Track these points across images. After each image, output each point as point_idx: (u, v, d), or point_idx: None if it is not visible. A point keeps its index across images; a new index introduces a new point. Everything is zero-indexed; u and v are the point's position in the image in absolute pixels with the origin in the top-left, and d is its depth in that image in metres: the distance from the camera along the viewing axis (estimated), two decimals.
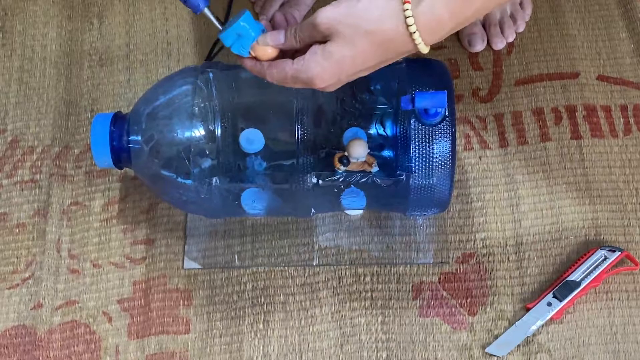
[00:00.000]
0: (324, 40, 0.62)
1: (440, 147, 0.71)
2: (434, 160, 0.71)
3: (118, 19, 0.97)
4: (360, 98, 0.76)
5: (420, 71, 0.74)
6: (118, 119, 0.76)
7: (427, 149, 0.71)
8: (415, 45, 0.60)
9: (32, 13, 0.98)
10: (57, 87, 0.93)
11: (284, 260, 0.82)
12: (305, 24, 0.63)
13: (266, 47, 0.65)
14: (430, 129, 0.71)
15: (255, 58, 0.66)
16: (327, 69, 0.62)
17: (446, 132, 0.71)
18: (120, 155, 0.76)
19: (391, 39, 0.60)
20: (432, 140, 0.71)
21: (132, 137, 0.75)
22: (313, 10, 0.96)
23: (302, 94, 0.75)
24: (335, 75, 0.62)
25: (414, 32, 0.59)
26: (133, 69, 0.94)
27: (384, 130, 0.74)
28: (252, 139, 0.74)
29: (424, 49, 0.61)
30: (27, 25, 0.97)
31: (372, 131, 0.75)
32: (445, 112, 0.71)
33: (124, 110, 0.84)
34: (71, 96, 0.92)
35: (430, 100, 0.68)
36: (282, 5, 0.96)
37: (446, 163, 0.72)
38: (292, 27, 0.64)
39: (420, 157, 0.71)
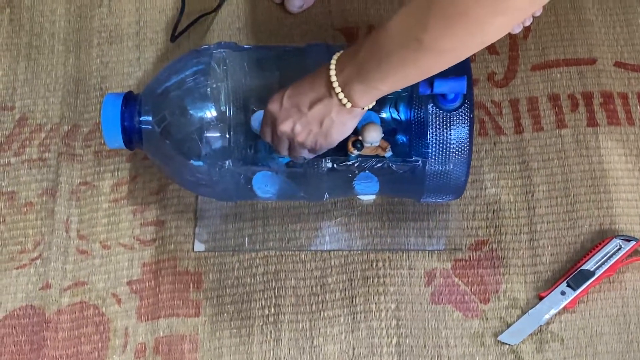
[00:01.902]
0: None
1: (458, 133, 0.70)
2: (452, 146, 0.70)
3: None
4: None
5: None
6: (129, 99, 0.75)
7: (445, 134, 0.70)
8: (330, 80, 0.64)
9: None
10: (65, 65, 0.91)
11: (295, 244, 0.82)
12: None
13: None
14: (448, 114, 0.70)
15: None
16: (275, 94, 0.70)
17: (464, 118, 0.70)
18: (132, 136, 0.75)
19: (315, 72, 0.67)
20: (450, 125, 0.70)
21: (143, 118, 0.74)
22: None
23: None
24: (279, 95, 0.68)
25: (331, 65, 0.65)
26: (143, 47, 0.92)
27: (398, 115, 0.73)
28: None
29: (333, 77, 0.64)
30: (36, 0, 0.95)
31: (386, 115, 0.73)
32: (463, 98, 0.70)
33: (134, 89, 0.83)
34: (80, 74, 0.91)
35: (450, 86, 0.67)
36: None
37: (464, 149, 0.70)
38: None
39: (438, 142, 0.70)
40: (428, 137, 0.70)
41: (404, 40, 0.59)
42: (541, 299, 0.78)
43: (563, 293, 0.77)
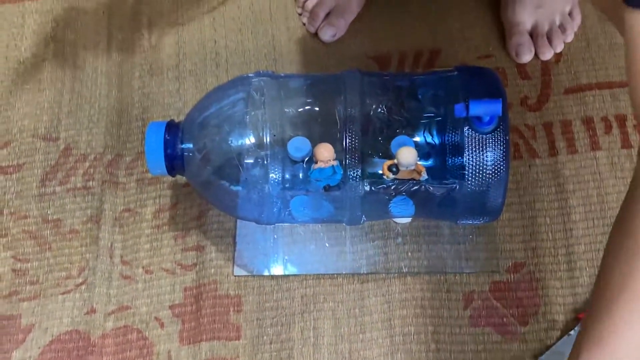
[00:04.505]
0: None
1: (494, 155, 0.71)
2: (488, 168, 0.71)
3: (167, 29, 0.99)
4: (408, 106, 0.76)
5: (472, 79, 0.74)
6: (172, 127, 0.77)
7: (481, 157, 0.71)
8: None
9: (83, 23, 1.00)
10: (108, 96, 0.95)
11: (333, 267, 0.83)
12: None
13: None
14: (484, 136, 0.71)
15: None
16: None
17: (500, 140, 0.71)
18: (174, 162, 0.77)
19: None
20: (486, 148, 0.71)
21: (185, 145, 0.76)
22: (359, 16, 0.97)
23: (350, 102, 0.75)
24: None
25: None
26: (182, 78, 0.95)
27: (432, 139, 0.74)
28: (300, 147, 0.75)
29: None
30: (79, 35, 0.99)
31: (420, 139, 0.75)
32: (498, 120, 0.71)
33: (174, 119, 0.86)
34: (122, 105, 0.94)
35: (486, 108, 0.68)
36: (327, 15, 0.97)
37: (500, 171, 0.71)
38: None
39: (474, 165, 0.71)
40: (464, 159, 0.71)
41: None
42: (580, 320, 0.77)
43: None
